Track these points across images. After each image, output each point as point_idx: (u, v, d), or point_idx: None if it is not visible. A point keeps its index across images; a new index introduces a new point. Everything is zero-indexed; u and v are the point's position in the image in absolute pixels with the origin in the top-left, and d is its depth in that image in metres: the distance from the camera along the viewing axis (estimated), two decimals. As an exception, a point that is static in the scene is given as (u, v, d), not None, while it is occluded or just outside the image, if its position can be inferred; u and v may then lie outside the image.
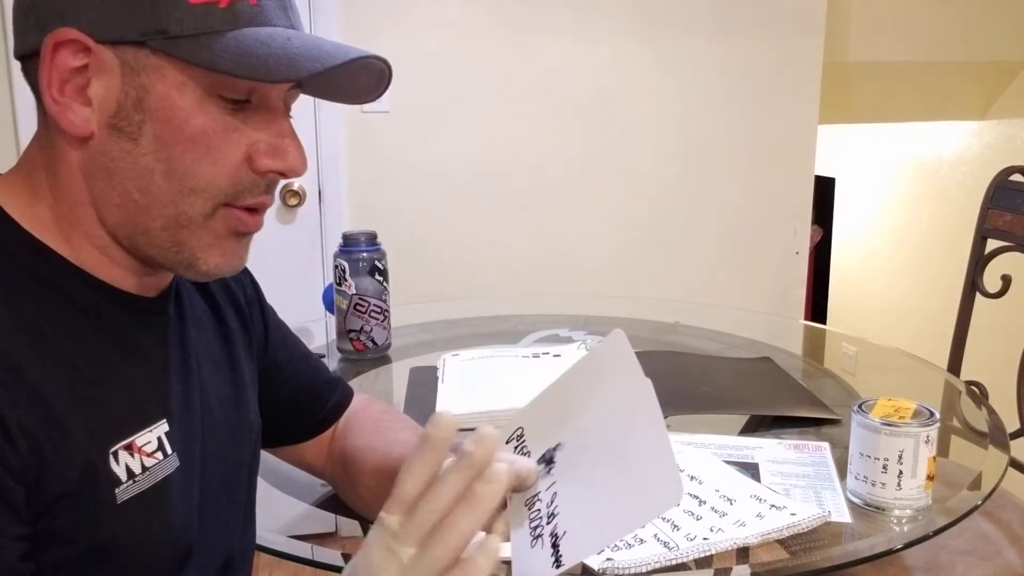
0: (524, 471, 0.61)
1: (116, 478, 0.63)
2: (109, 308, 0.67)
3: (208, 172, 0.63)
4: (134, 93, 0.61)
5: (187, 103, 0.61)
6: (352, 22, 2.39)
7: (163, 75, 0.60)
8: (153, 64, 0.60)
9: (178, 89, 0.61)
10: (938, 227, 3.23)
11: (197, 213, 0.64)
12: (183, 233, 0.65)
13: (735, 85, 2.65)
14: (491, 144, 2.55)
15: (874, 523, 0.96)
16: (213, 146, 0.62)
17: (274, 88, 0.64)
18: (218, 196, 0.64)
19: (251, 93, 0.63)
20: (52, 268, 0.64)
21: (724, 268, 2.77)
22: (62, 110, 0.61)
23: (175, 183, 0.63)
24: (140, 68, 0.60)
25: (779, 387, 1.38)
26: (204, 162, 0.62)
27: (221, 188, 0.64)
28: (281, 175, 0.66)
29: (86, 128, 0.62)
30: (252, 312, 0.88)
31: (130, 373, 0.67)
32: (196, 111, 0.61)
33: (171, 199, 0.63)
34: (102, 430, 0.63)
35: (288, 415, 0.94)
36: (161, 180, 0.62)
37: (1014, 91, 2.94)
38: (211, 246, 0.66)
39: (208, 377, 0.76)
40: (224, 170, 0.63)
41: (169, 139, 0.62)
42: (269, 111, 0.65)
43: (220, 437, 0.77)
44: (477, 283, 2.59)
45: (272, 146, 0.65)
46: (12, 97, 2.22)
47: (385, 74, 0.67)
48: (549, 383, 0.67)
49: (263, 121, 0.65)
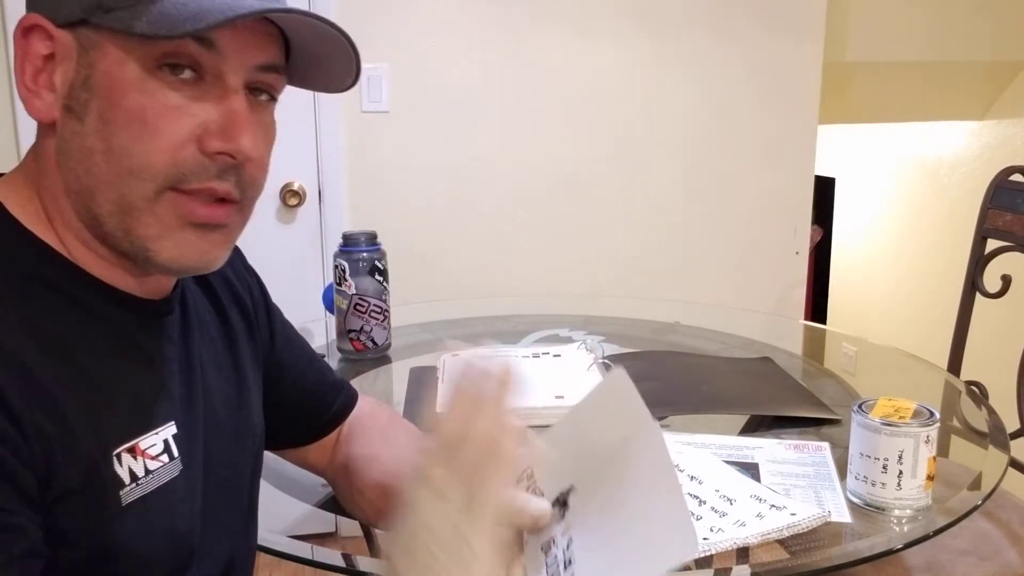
0: (538, 512, 0.62)
1: (120, 480, 0.63)
2: (111, 309, 0.66)
3: (143, 150, 0.60)
4: (83, 72, 0.60)
5: (126, 78, 0.59)
6: (351, 22, 2.39)
7: (105, 52, 0.60)
8: (96, 41, 0.60)
9: (119, 65, 0.59)
10: (938, 227, 3.23)
11: (138, 197, 0.61)
12: (128, 219, 0.62)
13: (735, 85, 2.65)
14: (491, 143, 2.55)
15: (874, 523, 0.96)
16: (149, 122, 0.60)
17: (224, 61, 0.61)
18: (158, 177, 0.61)
19: (200, 67, 0.60)
20: (53, 268, 0.64)
21: (724, 268, 2.77)
22: (31, 97, 0.61)
23: (114, 163, 0.60)
24: (89, 47, 0.60)
25: (779, 387, 1.38)
26: (140, 140, 0.60)
27: (159, 168, 0.60)
28: (230, 157, 0.62)
29: (49, 114, 0.62)
30: (258, 314, 0.88)
31: (133, 376, 0.67)
32: (136, 87, 0.59)
33: (110, 180, 0.61)
34: (106, 432, 0.63)
35: (291, 418, 0.94)
36: (102, 160, 0.61)
37: (1014, 91, 2.94)
38: (161, 237, 0.63)
39: (211, 380, 0.76)
40: (161, 149, 0.60)
41: (109, 116, 0.60)
42: (223, 90, 0.62)
43: (223, 439, 0.76)
44: (477, 283, 2.59)
45: (222, 126, 0.62)
46: (12, 97, 2.22)
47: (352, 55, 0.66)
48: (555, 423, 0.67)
49: (215, 100, 0.62)
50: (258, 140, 0.64)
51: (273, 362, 0.90)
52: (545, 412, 1.24)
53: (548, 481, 0.65)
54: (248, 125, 0.63)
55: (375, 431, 0.95)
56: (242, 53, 0.62)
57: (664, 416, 1.26)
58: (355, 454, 0.93)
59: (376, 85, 2.43)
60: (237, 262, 0.88)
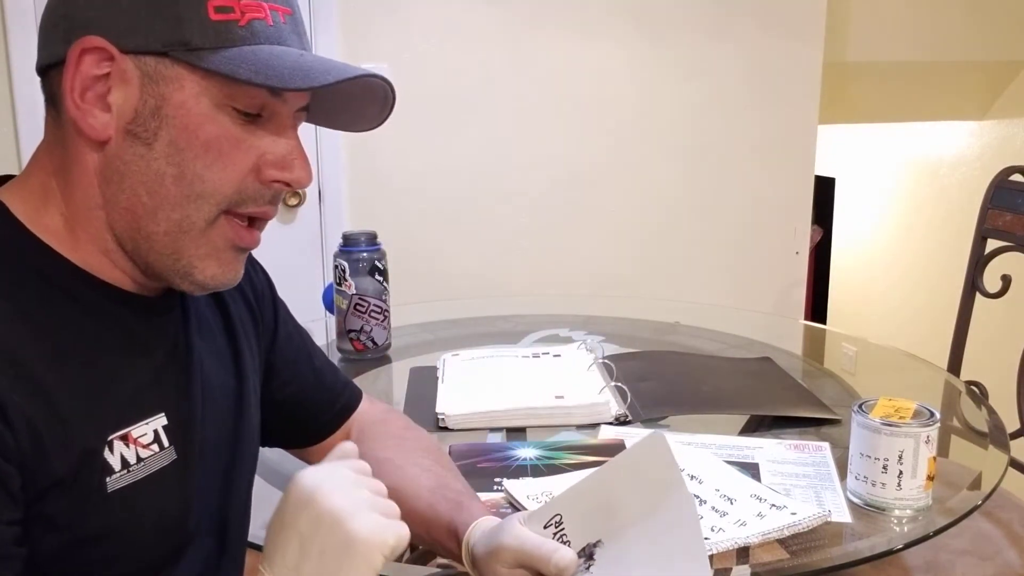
0: (564, 562, 0.65)
1: (110, 467, 0.65)
2: (109, 304, 0.69)
3: (217, 178, 0.66)
4: (152, 101, 0.64)
5: (202, 112, 0.65)
6: (351, 22, 2.39)
7: (181, 85, 0.64)
8: (173, 74, 0.64)
9: (195, 99, 0.64)
10: (938, 227, 3.23)
11: (200, 218, 0.67)
12: (183, 239, 0.67)
13: (735, 85, 2.65)
14: (491, 144, 2.55)
15: (874, 523, 0.96)
16: (224, 153, 0.66)
17: (284, 105, 0.68)
18: (223, 202, 0.67)
19: (262, 108, 0.67)
20: (54, 267, 0.66)
21: (724, 268, 2.77)
22: (83, 115, 0.64)
23: (184, 187, 0.65)
24: (160, 78, 0.64)
25: (779, 387, 1.38)
26: (214, 168, 0.66)
27: (227, 195, 0.67)
28: (287, 186, 0.69)
29: (104, 133, 0.65)
30: (263, 306, 0.89)
31: (130, 366, 0.69)
32: (210, 120, 0.65)
33: (178, 202, 0.66)
34: (99, 419, 0.65)
35: (290, 415, 0.94)
36: (171, 183, 0.65)
37: (1014, 91, 2.94)
38: (209, 256, 0.68)
39: (210, 370, 0.77)
40: (232, 177, 0.66)
41: (183, 145, 0.65)
42: (279, 126, 0.68)
43: (221, 430, 0.78)
44: (477, 283, 2.59)
45: (280, 158, 0.68)
46: (12, 98, 2.21)
47: (389, 99, 0.71)
48: (589, 473, 0.69)
49: (272, 135, 0.68)
50: (308, 170, 0.71)
51: (274, 356, 0.91)
52: (545, 412, 1.25)
53: (577, 531, 0.67)
54: (303, 156, 0.70)
55: (389, 437, 0.95)
56: (299, 99, 0.69)
57: (664, 416, 1.26)
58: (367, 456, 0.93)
59: (376, 85, 2.43)
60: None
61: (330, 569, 0.62)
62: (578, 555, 0.66)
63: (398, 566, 0.95)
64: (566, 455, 1.10)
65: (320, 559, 0.62)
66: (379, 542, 0.62)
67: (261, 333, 0.88)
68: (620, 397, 1.29)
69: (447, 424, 1.22)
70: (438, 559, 0.92)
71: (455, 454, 1.10)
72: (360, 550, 0.61)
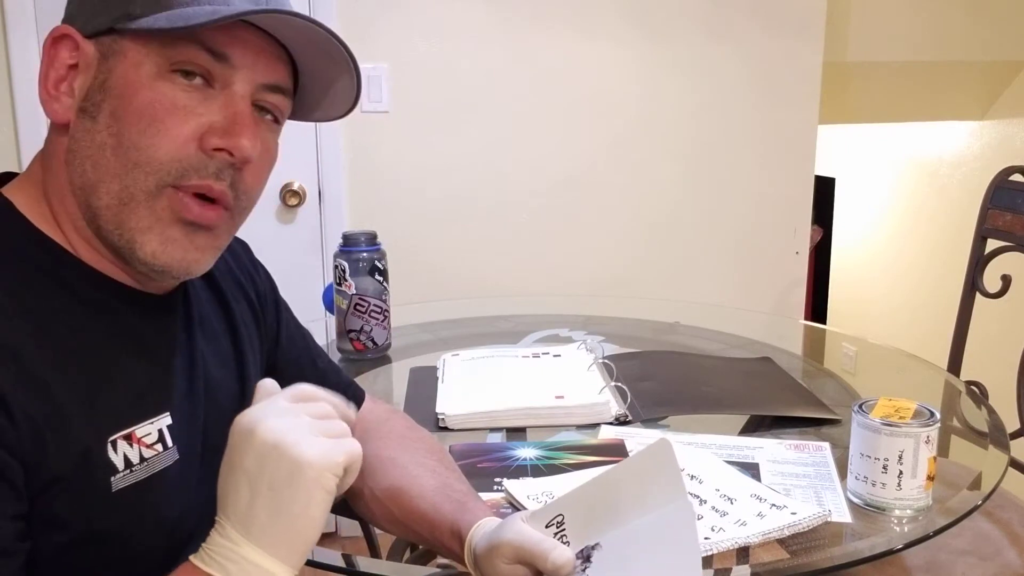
0: (561, 560, 0.66)
1: (113, 467, 0.65)
2: (113, 302, 0.68)
3: (150, 144, 0.64)
4: (101, 77, 0.65)
5: (140, 79, 0.64)
6: (351, 22, 2.39)
7: (125, 56, 0.64)
8: (119, 48, 0.64)
9: (135, 68, 0.64)
10: (938, 227, 3.23)
11: (139, 189, 0.64)
12: (124, 212, 0.65)
13: (735, 85, 2.65)
14: (491, 144, 2.55)
15: (874, 523, 0.96)
16: (157, 119, 0.64)
17: (235, 72, 0.66)
18: (160, 171, 0.64)
19: (209, 75, 0.65)
20: (56, 262, 0.66)
21: (724, 268, 2.77)
22: (50, 101, 0.66)
23: (121, 156, 0.64)
24: (110, 53, 0.65)
25: (779, 387, 1.38)
26: (147, 134, 0.64)
27: (163, 163, 0.64)
28: (228, 154, 0.66)
29: (65, 116, 0.66)
30: (265, 306, 0.89)
31: (133, 366, 0.68)
32: (147, 87, 0.64)
33: (116, 173, 0.64)
34: (102, 419, 0.65)
35: None
36: (111, 154, 0.64)
37: (1014, 91, 2.94)
38: (150, 229, 0.66)
39: (213, 371, 0.78)
40: (167, 144, 0.64)
41: (121, 113, 0.64)
42: (229, 96, 0.66)
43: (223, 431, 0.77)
44: (477, 283, 2.59)
45: (224, 126, 0.66)
46: (12, 98, 2.21)
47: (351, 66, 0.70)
48: (593, 476, 0.70)
49: (222, 105, 0.66)
50: (257, 145, 0.67)
51: (277, 357, 0.91)
52: (545, 412, 1.25)
53: (577, 533, 0.68)
54: (249, 127, 0.66)
55: (393, 437, 0.95)
56: (252, 68, 0.67)
57: (664, 416, 1.26)
58: (371, 455, 0.93)
59: (376, 85, 2.43)
60: (243, 256, 0.89)
61: (283, 500, 0.59)
62: (576, 556, 0.66)
63: (398, 566, 0.95)
64: (566, 455, 1.10)
65: (271, 493, 0.59)
66: (328, 463, 0.60)
67: (264, 334, 0.88)
68: (620, 397, 1.29)
69: (447, 424, 1.21)
70: (438, 559, 0.92)
71: (455, 454, 1.10)
72: (309, 475, 0.59)
